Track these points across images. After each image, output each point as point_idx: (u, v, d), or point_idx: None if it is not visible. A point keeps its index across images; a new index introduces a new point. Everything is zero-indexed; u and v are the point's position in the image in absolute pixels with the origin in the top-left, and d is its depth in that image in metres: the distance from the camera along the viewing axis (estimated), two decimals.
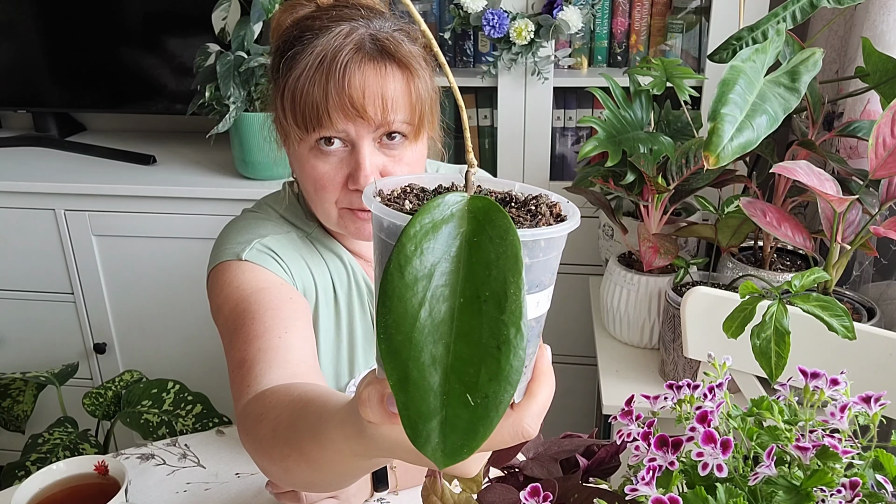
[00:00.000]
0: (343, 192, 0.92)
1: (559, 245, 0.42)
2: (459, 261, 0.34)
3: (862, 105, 1.39)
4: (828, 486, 0.45)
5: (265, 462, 0.65)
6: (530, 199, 0.45)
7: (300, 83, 0.87)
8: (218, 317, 0.93)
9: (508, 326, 0.33)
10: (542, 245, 0.40)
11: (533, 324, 0.42)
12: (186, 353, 1.99)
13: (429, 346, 0.34)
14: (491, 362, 0.33)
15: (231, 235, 1.00)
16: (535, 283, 0.40)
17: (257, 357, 0.81)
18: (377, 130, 0.89)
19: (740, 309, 0.90)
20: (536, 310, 0.41)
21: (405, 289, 0.34)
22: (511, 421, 0.43)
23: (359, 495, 0.91)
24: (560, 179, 1.88)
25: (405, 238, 0.35)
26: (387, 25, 0.91)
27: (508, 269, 0.33)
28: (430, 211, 0.36)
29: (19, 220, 1.92)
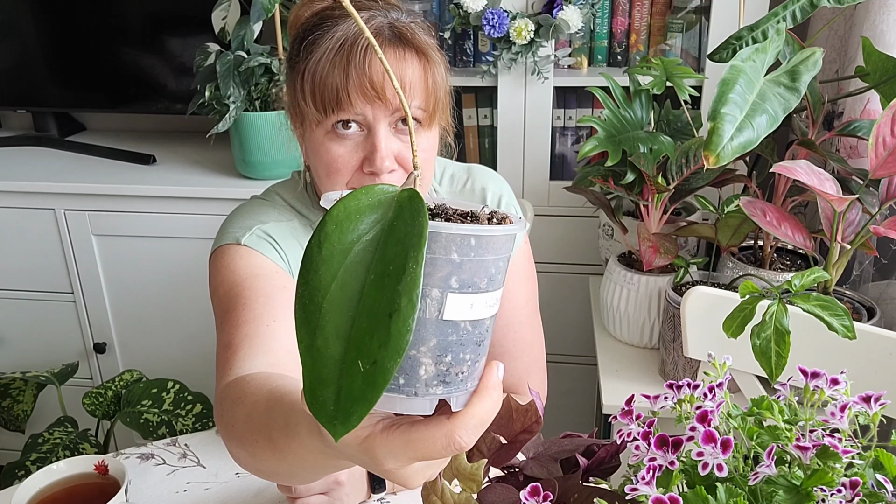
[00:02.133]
0: (356, 174, 0.94)
1: (496, 249, 0.41)
2: (377, 242, 0.37)
3: (862, 104, 1.39)
4: (828, 485, 0.45)
5: (234, 445, 0.66)
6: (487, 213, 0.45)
7: (320, 66, 0.89)
8: (213, 298, 0.95)
9: (401, 295, 0.34)
10: (471, 243, 0.39)
11: (469, 327, 0.41)
12: (186, 353, 1.99)
13: (335, 318, 0.36)
14: (382, 331, 0.34)
15: (235, 219, 1.02)
16: (466, 283, 0.40)
17: (243, 342, 0.82)
18: (393, 115, 0.91)
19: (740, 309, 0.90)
20: (470, 312, 0.40)
21: (321, 263, 0.37)
22: (444, 430, 0.42)
23: (353, 495, 0.91)
24: (560, 179, 1.88)
25: (327, 217, 0.38)
26: (403, 17, 0.94)
27: (411, 245, 0.35)
28: (357, 196, 0.38)
29: (19, 220, 1.92)
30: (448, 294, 0.39)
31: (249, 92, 1.73)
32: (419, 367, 0.40)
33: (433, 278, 0.39)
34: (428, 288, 0.39)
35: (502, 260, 0.42)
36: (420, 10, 1.85)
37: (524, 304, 1.12)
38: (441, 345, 0.40)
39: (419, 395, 0.41)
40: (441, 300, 0.39)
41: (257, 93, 1.74)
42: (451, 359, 0.41)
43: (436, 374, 0.41)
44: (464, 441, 0.42)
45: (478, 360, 0.43)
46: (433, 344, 0.40)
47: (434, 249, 0.39)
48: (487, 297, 0.41)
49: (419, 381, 0.41)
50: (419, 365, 0.40)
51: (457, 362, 0.41)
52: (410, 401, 0.41)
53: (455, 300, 0.40)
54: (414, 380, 0.40)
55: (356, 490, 0.92)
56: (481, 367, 0.44)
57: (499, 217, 0.44)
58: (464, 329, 0.41)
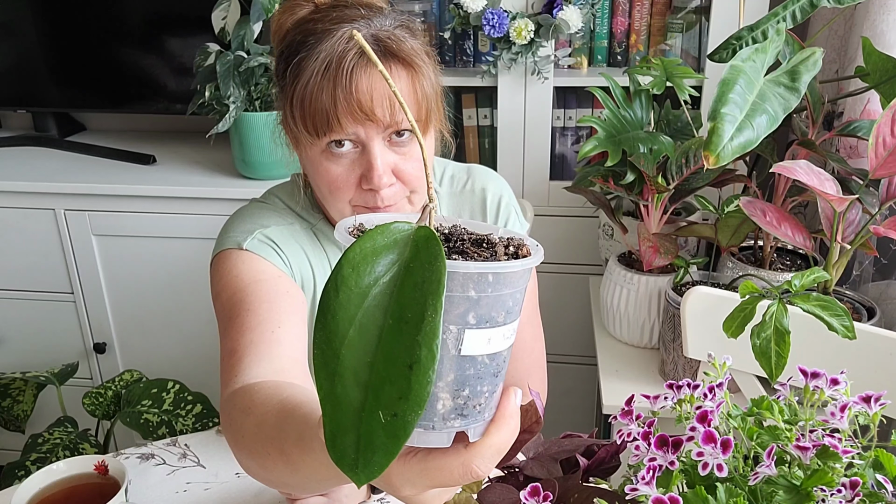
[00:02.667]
0: (357, 191, 0.93)
1: (513, 283, 0.41)
2: (395, 284, 0.36)
3: (862, 105, 1.39)
4: (828, 485, 0.45)
5: (244, 455, 0.66)
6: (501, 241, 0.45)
7: (308, 90, 0.88)
8: (216, 303, 0.94)
9: (421, 347, 0.34)
10: (489, 280, 0.39)
11: (486, 360, 0.41)
12: (186, 353, 1.99)
13: (354, 364, 0.35)
14: (402, 381, 0.34)
15: (235, 224, 1.01)
16: (484, 318, 0.40)
17: (248, 349, 0.82)
18: (386, 130, 0.90)
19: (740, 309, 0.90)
20: (488, 346, 0.40)
21: (339, 307, 0.36)
22: (462, 460, 0.42)
23: (352, 496, 0.91)
24: (560, 179, 1.88)
25: (344, 260, 0.37)
26: (387, 23, 0.91)
27: (430, 293, 0.34)
28: (373, 237, 0.37)
29: (19, 220, 1.92)
30: (466, 330, 0.39)
31: (249, 92, 1.73)
32: (437, 402, 0.40)
33: (451, 315, 0.39)
34: (446, 325, 0.39)
35: (519, 292, 0.42)
36: (420, 10, 1.85)
37: (524, 304, 1.12)
38: (459, 379, 0.40)
39: (436, 429, 0.41)
40: (459, 336, 0.39)
41: (257, 93, 1.74)
42: (468, 392, 0.41)
43: (453, 407, 0.41)
44: (480, 470, 0.42)
45: (495, 391, 0.43)
46: (451, 379, 0.40)
47: (451, 287, 0.38)
48: (505, 329, 0.41)
49: (437, 416, 0.40)
50: (437, 400, 0.40)
51: (474, 395, 0.41)
52: (427, 434, 0.41)
53: (473, 336, 0.40)
54: (431, 414, 0.40)
55: (356, 491, 0.92)
56: (498, 395, 0.43)
57: (515, 244, 0.44)
58: (481, 363, 0.40)
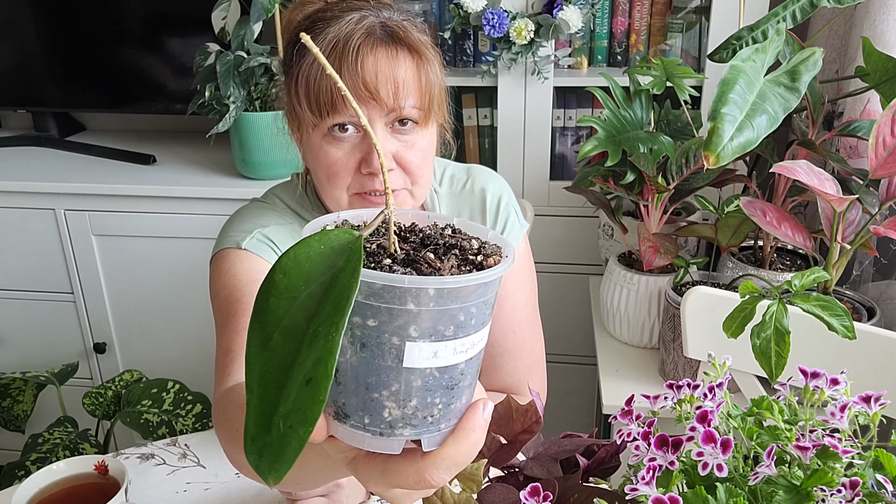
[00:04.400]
0: (355, 176, 0.94)
1: (462, 298, 0.39)
2: (324, 293, 0.35)
3: (862, 105, 1.39)
4: (828, 485, 0.45)
5: (238, 450, 0.65)
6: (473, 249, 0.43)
7: (313, 69, 0.89)
8: (213, 302, 0.95)
9: (319, 364, 0.33)
10: (429, 293, 0.37)
11: (436, 373, 0.39)
12: (186, 353, 1.99)
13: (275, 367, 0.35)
14: (300, 395, 0.34)
15: (235, 223, 1.02)
16: (427, 332, 0.38)
17: (242, 348, 0.81)
18: (389, 115, 0.91)
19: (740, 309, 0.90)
20: (434, 360, 0.39)
21: (268, 311, 0.36)
22: (416, 467, 0.42)
23: (352, 497, 0.91)
24: (560, 179, 1.88)
25: (276, 265, 0.36)
26: (395, 15, 0.93)
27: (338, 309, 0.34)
28: (310, 243, 0.37)
29: (19, 220, 1.92)
30: (407, 343, 0.38)
31: (249, 92, 1.73)
32: (382, 409, 0.40)
33: (391, 326, 0.38)
34: (387, 336, 0.38)
35: (474, 305, 0.40)
36: (420, 10, 1.85)
37: (524, 304, 1.12)
38: (404, 390, 0.39)
39: (385, 436, 0.40)
40: (401, 348, 0.38)
41: (257, 93, 1.74)
42: (416, 403, 0.40)
43: (401, 416, 0.40)
44: (434, 480, 0.42)
45: (452, 403, 0.41)
46: (395, 389, 0.39)
47: (389, 299, 0.37)
48: (455, 343, 0.39)
49: (383, 423, 0.40)
50: (382, 408, 0.40)
51: (424, 406, 0.40)
52: (376, 440, 0.41)
53: (415, 349, 0.38)
54: (378, 420, 0.40)
55: (355, 492, 0.92)
56: (460, 406, 0.42)
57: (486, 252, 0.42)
58: (429, 375, 0.39)
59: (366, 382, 0.39)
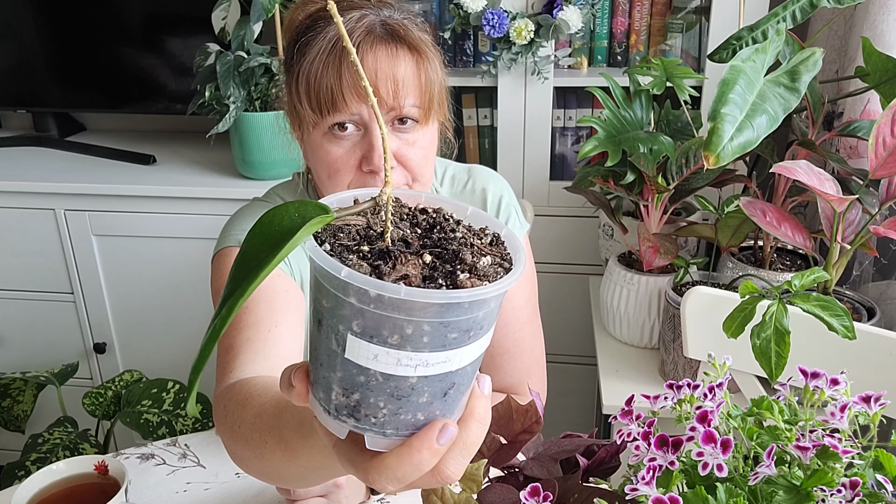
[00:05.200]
0: (357, 174, 0.94)
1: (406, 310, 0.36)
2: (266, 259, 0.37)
3: (862, 105, 1.39)
4: (828, 485, 0.45)
5: (240, 446, 0.66)
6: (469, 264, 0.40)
7: (314, 67, 0.89)
8: (214, 300, 0.96)
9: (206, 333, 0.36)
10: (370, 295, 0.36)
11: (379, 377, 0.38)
12: (186, 353, 1.99)
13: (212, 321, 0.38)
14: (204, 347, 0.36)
15: (237, 222, 1.02)
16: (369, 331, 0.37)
17: (244, 346, 0.83)
18: (389, 113, 0.91)
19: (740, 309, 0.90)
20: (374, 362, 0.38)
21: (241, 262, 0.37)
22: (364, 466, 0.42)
23: (352, 497, 0.91)
24: (560, 179, 1.88)
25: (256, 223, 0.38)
26: (396, 14, 0.93)
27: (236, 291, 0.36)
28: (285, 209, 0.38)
29: (19, 220, 1.92)
30: (349, 335, 0.38)
31: (249, 92, 1.73)
32: (331, 390, 0.40)
33: (338, 313, 0.38)
34: (335, 321, 0.38)
35: (428, 324, 0.37)
36: (420, 10, 1.85)
37: (524, 304, 1.12)
38: (347, 379, 0.39)
39: (332, 416, 0.41)
40: (343, 337, 0.38)
41: (257, 93, 1.74)
42: (359, 398, 0.39)
43: (345, 404, 0.40)
44: (376, 484, 0.42)
45: (400, 413, 0.40)
46: (340, 376, 0.39)
47: (337, 286, 0.37)
48: (400, 354, 0.37)
49: (332, 403, 0.41)
50: (330, 389, 0.40)
51: (366, 405, 0.39)
52: (327, 417, 0.41)
53: (355, 343, 0.38)
54: (328, 400, 0.41)
55: (355, 492, 0.92)
56: (414, 420, 0.40)
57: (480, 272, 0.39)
58: (373, 375, 0.38)
59: (320, 359, 0.40)
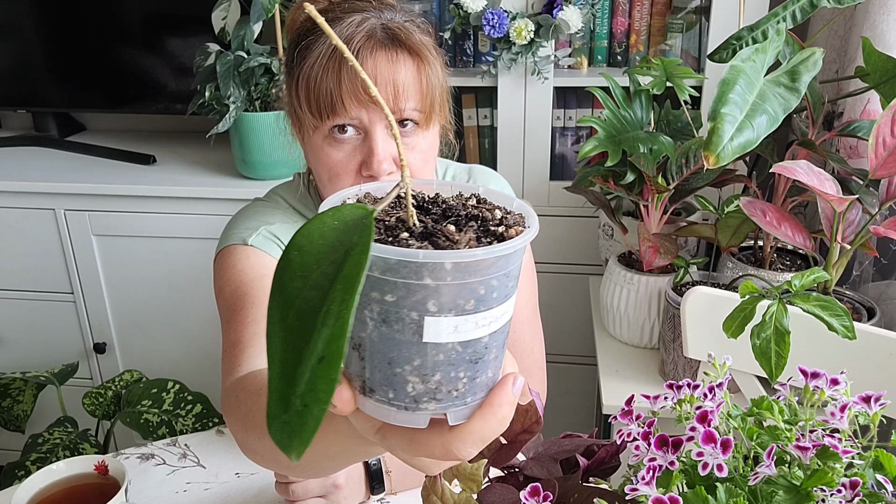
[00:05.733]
0: (357, 178, 0.94)
1: (480, 271, 0.38)
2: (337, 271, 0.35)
3: (862, 105, 1.39)
4: (828, 485, 0.45)
5: (255, 436, 0.65)
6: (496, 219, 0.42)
7: (314, 71, 0.89)
8: (219, 297, 0.95)
9: (331, 343, 0.33)
10: (446, 267, 0.37)
11: (458, 347, 0.39)
12: (186, 353, 1.99)
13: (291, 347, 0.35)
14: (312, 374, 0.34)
15: (240, 221, 1.02)
16: (447, 306, 0.38)
17: (252, 340, 0.83)
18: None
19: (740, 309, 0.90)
20: (455, 334, 0.38)
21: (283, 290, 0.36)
22: (442, 440, 0.42)
23: (351, 497, 0.91)
24: (560, 179, 1.88)
25: (291, 242, 0.36)
26: (397, 17, 0.93)
27: (347, 286, 0.34)
28: (323, 220, 0.37)
29: (19, 220, 1.92)
30: (426, 317, 0.38)
31: (249, 92, 1.73)
32: (406, 384, 0.40)
33: (409, 301, 0.38)
34: (405, 311, 0.38)
35: (495, 278, 0.39)
36: (420, 10, 1.85)
37: (524, 304, 1.12)
38: (427, 364, 0.39)
39: (410, 410, 0.40)
40: (420, 323, 0.38)
41: (257, 93, 1.74)
42: (440, 377, 0.40)
43: (424, 391, 0.40)
44: (461, 453, 0.42)
45: (477, 377, 0.41)
46: (417, 364, 0.39)
47: (405, 274, 0.37)
48: (477, 317, 0.39)
49: (407, 397, 0.40)
50: (405, 382, 0.39)
51: (447, 380, 0.40)
52: (401, 413, 0.40)
53: (435, 323, 0.38)
54: (403, 395, 0.40)
55: (354, 492, 0.92)
56: (486, 380, 0.42)
57: (508, 223, 0.41)
58: (452, 349, 0.39)
59: (388, 357, 0.39)
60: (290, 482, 0.88)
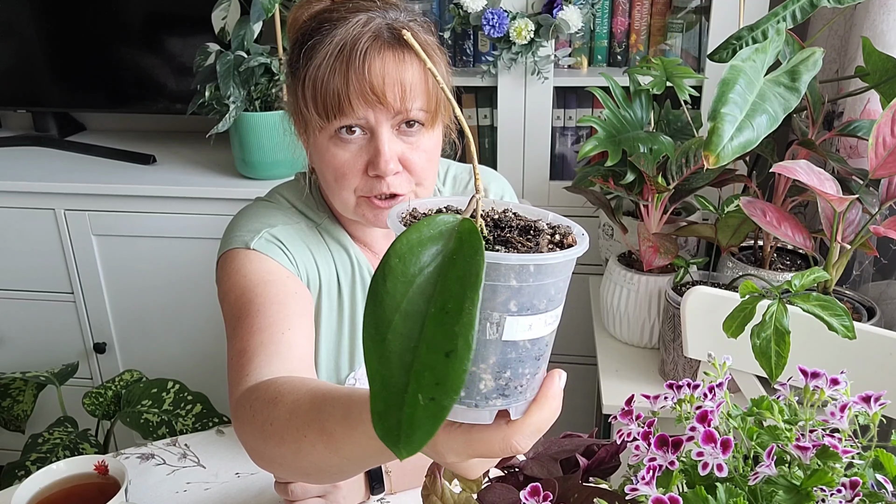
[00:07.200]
0: (362, 179, 0.93)
1: (555, 273, 0.42)
2: (439, 275, 0.38)
3: (862, 104, 1.39)
4: (828, 485, 0.45)
5: (272, 444, 0.65)
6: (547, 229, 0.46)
7: (321, 72, 0.88)
8: (223, 303, 0.94)
9: (458, 337, 0.36)
10: (530, 270, 0.41)
11: (528, 345, 0.43)
12: (186, 353, 1.99)
13: (399, 349, 0.37)
14: (440, 368, 0.36)
15: (241, 223, 1.01)
16: (525, 306, 0.41)
17: (259, 349, 0.82)
18: (395, 117, 0.91)
19: (740, 309, 0.90)
20: (529, 332, 0.42)
21: (386, 295, 0.38)
22: (503, 435, 0.44)
23: (350, 497, 0.91)
24: (560, 179, 1.88)
25: (392, 250, 0.39)
26: (402, 16, 0.93)
27: (469, 285, 0.37)
28: (420, 228, 0.39)
29: (19, 220, 1.92)
30: (507, 317, 0.41)
31: (249, 92, 1.73)
32: (479, 381, 0.42)
33: (493, 302, 0.41)
34: (488, 311, 0.41)
35: (562, 280, 0.43)
36: (420, 10, 1.85)
37: None
38: (500, 362, 0.42)
39: (479, 407, 0.43)
40: (501, 322, 0.41)
41: (257, 93, 1.74)
42: (510, 374, 0.43)
43: (495, 388, 0.43)
44: (520, 446, 0.45)
45: (537, 373, 0.44)
46: (493, 361, 0.42)
47: (494, 277, 0.40)
48: (546, 316, 0.43)
49: (479, 394, 0.43)
50: (479, 380, 0.42)
51: (515, 377, 0.43)
52: (470, 411, 0.43)
53: (514, 322, 0.41)
54: (474, 393, 0.43)
55: (353, 492, 0.92)
56: (541, 376, 0.45)
57: (561, 233, 0.45)
58: (522, 347, 0.42)
59: None
60: (289, 482, 0.88)
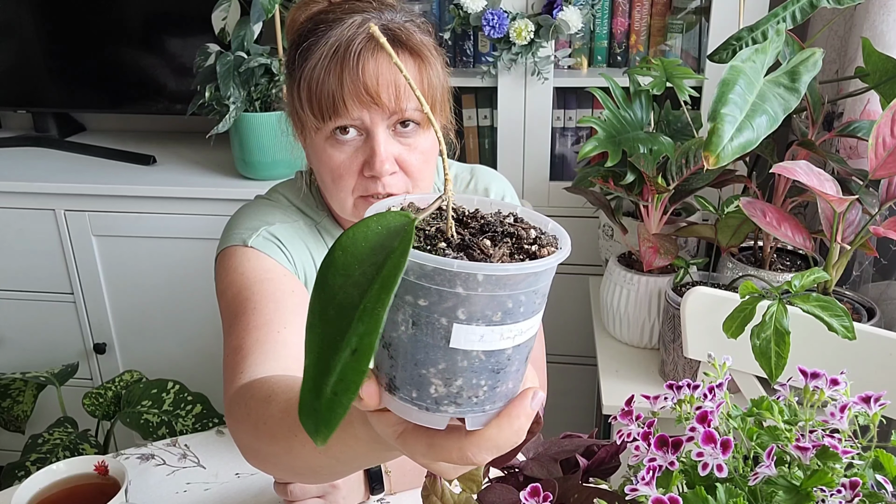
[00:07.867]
0: (359, 179, 0.94)
1: (511, 285, 0.40)
2: (377, 271, 0.37)
3: (862, 105, 1.39)
4: (828, 486, 0.45)
5: (265, 442, 0.65)
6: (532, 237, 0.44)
7: (315, 73, 0.89)
8: (221, 300, 0.95)
9: (364, 336, 0.36)
10: (478, 279, 0.39)
11: (482, 356, 0.41)
12: (186, 353, 1.99)
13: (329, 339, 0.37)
14: (346, 365, 0.36)
15: (240, 221, 1.01)
16: (475, 315, 0.40)
17: (254, 347, 0.82)
18: (391, 118, 0.91)
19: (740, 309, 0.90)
20: (481, 343, 0.40)
21: (326, 286, 0.38)
22: (459, 445, 0.43)
23: (350, 497, 0.91)
24: (560, 179, 1.88)
25: (336, 243, 0.39)
26: (398, 17, 0.93)
27: (384, 286, 0.36)
28: (368, 224, 0.39)
29: (19, 220, 1.92)
30: (454, 324, 0.40)
31: (249, 92, 1.73)
32: (429, 385, 0.41)
33: (440, 307, 0.40)
34: (434, 316, 0.40)
35: (524, 294, 0.41)
36: (420, 10, 1.85)
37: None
38: (450, 369, 0.41)
39: (430, 411, 0.42)
40: (448, 329, 0.40)
41: (257, 93, 1.74)
42: (462, 383, 0.41)
43: (446, 394, 0.42)
44: (475, 458, 0.43)
45: (497, 386, 0.43)
46: (442, 367, 0.41)
47: (438, 281, 0.39)
48: (503, 329, 0.41)
49: (430, 398, 0.42)
50: (429, 384, 0.41)
51: (469, 387, 0.42)
52: (422, 413, 0.42)
53: (462, 331, 0.40)
54: (425, 396, 0.42)
55: (353, 493, 0.92)
56: (506, 390, 0.43)
57: (542, 242, 0.43)
58: (475, 357, 0.41)
59: (415, 358, 0.41)
60: (288, 482, 0.88)
